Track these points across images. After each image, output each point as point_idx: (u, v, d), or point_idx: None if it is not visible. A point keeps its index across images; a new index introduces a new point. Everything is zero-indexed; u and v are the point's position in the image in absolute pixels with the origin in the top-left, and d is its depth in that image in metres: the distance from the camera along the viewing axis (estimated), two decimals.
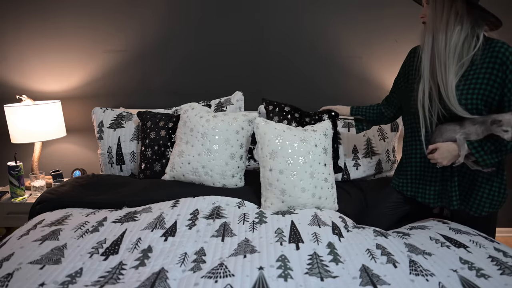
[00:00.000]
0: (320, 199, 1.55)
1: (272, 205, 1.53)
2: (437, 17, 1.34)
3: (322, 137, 1.61)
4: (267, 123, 1.60)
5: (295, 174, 1.51)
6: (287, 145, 1.54)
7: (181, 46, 2.29)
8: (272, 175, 1.53)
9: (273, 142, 1.55)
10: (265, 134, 1.57)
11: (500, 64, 1.29)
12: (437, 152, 1.36)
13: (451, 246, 1.22)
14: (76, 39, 2.26)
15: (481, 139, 1.32)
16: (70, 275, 1.02)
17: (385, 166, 2.11)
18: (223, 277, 1.00)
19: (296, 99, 2.37)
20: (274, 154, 1.54)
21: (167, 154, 1.92)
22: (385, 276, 1.03)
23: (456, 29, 1.32)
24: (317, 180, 1.54)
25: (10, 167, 2.01)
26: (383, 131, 2.13)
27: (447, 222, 1.47)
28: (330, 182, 1.60)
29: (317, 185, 1.53)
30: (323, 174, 1.56)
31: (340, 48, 2.32)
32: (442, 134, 1.38)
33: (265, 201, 1.56)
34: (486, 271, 1.05)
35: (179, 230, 1.29)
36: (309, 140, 1.57)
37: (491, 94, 1.31)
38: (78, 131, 2.38)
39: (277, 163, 1.53)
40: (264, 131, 1.58)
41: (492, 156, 1.31)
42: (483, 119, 1.30)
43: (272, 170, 1.53)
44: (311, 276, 1.01)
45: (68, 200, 1.59)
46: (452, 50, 1.33)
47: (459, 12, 1.31)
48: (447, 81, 1.33)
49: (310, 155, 1.54)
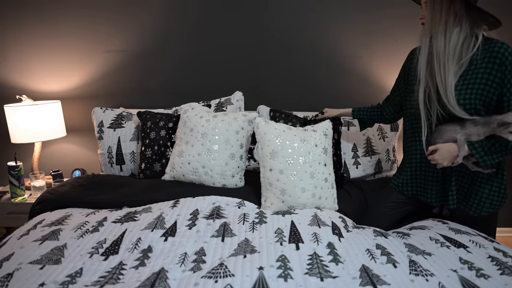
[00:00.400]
0: (320, 199, 1.55)
1: (272, 205, 1.53)
2: (436, 19, 1.34)
3: (322, 137, 1.61)
4: (268, 123, 1.60)
5: (295, 174, 1.51)
6: (287, 145, 1.54)
7: (181, 46, 2.29)
8: (272, 175, 1.53)
9: (273, 142, 1.55)
10: (265, 134, 1.57)
11: (499, 64, 1.28)
12: (437, 153, 1.36)
13: (451, 246, 1.22)
14: (76, 39, 2.26)
15: (481, 139, 1.32)
16: (70, 275, 1.02)
17: (385, 166, 2.11)
18: (223, 277, 1.00)
19: (296, 98, 2.37)
20: (274, 154, 1.54)
21: (167, 154, 1.92)
22: (385, 276, 1.03)
23: (455, 30, 1.31)
24: (317, 180, 1.54)
25: (10, 167, 2.01)
26: (382, 130, 2.13)
27: (447, 222, 1.47)
28: (330, 182, 1.60)
29: (317, 185, 1.53)
30: (323, 174, 1.56)
31: (340, 48, 2.32)
32: (442, 135, 1.38)
33: (265, 201, 1.56)
34: (486, 271, 1.06)
35: (179, 230, 1.29)
36: (309, 140, 1.57)
37: (490, 94, 1.31)
38: (78, 131, 2.38)
39: (277, 163, 1.53)
40: (264, 131, 1.58)
41: (492, 157, 1.31)
42: (485, 120, 1.30)
43: (272, 170, 1.53)
44: (311, 276, 1.02)
45: (68, 200, 1.59)
46: (451, 51, 1.32)
47: (458, 13, 1.30)
48: (447, 82, 1.33)
49: (310, 155, 1.54)
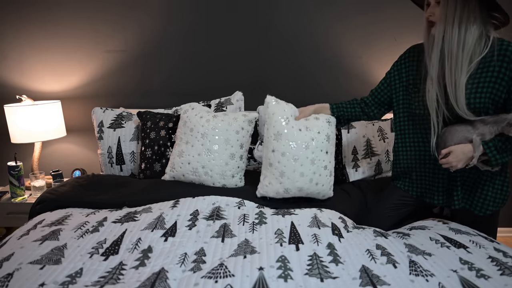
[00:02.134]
0: (317, 185, 1.58)
1: (270, 184, 1.58)
2: (450, 16, 1.30)
3: (325, 124, 1.62)
4: (278, 103, 1.61)
5: (297, 158, 1.54)
6: (292, 129, 1.56)
7: (181, 46, 2.29)
8: (274, 156, 1.56)
9: (279, 123, 1.56)
10: (273, 115, 1.58)
11: (508, 62, 1.29)
12: (452, 155, 1.32)
13: (451, 246, 1.22)
14: (76, 39, 2.26)
15: (493, 138, 1.31)
16: (70, 275, 1.02)
17: (385, 167, 2.10)
18: (223, 277, 1.00)
19: (296, 99, 2.37)
20: (278, 136, 1.56)
21: (167, 154, 1.92)
22: (385, 277, 1.03)
23: (470, 28, 1.29)
24: (317, 167, 1.56)
25: (10, 167, 2.01)
26: (383, 131, 2.13)
27: (447, 222, 1.47)
28: (329, 169, 1.62)
29: (316, 172, 1.56)
30: (324, 162, 1.59)
31: (341, 48, 2.32)
32: (453, 136, 1.34)
33: (263, 179, 1.60)
34: (486, 272, 1.06)
35: (179, 231, 1.29)
36: (312, 127, 1.58)
37: (499, 92, 1.31)
38: (78, 131, 2.38)
39: (280, 145, 1.55)
40: (273, 111, 1.59)
41: (503, 155, 1.31)
42: (494, 119, 1.29)
43: (275, 151, 1.56)
44: (311, 276, 1.02)
45: (68, 200, 1.59)
46: (466, 49, 1.30)
47: (472, 11, 1.29)
48: (458, 81, 1.31)
49: (313, 141, 1.56)
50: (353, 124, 2.13)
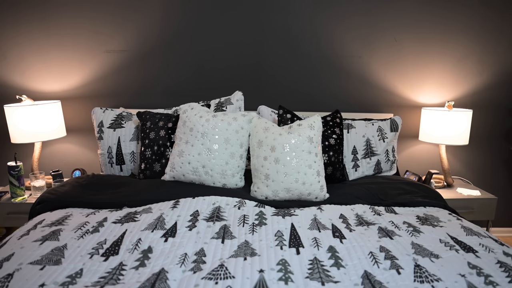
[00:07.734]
0: (304, 184, 1.63)
1: (258, 189, 1.67)
2: None
3: (307, 129, 1.70)
4: (260, 118, 1.81)
5: (278, 160, 1.62)
6: (272, 135, 1.69)
7: (180, 46, 2.29)
8: (258, 162, 1.67)
9: (260, 133, 1.72)
10: (255, 127, 1.76)
11: None
12: None
13: (460, 250, 1.21)
14: (76, 39, 2.26)
15: None
16: (70, 276, 1.02)
17: (385, 167, 2.10)
18: (223, 278, 1.00)
19: (296, 98, 2.37)
20: (260, 143, 1.68)
21: (166, 154, 1.91)
22: (388, 283, 1.01)
23: None
24: (299, 166, 1.63)
25: (10, 167, 2.01)
26: (382, 131, 2.12)
27: (461, 219, 1.49)
28: (315, 169, 1.66)
29: (300, 171, 1.62)
30: (307, 161, 1.65)
31: (341, 48, 2.32)
32: None
33: (253, 186, 1.71)
34: (494, 278, 1.04)
35: (179, 231, 1.29)
36: (293, 131, 1.69)
37: None
38: (78, 131, 2.38)
39: (261, 151, 1.67)
40: (255, 124, 1.78)
41: None
42: None
43: (258, 157, 1.67)
44: (312, 280, 1.01)
45: (68, 200, 1.59)
46: None
47: None
48: None
49: (293, 143, 1.65)
50: (353, 124, 2.13)
